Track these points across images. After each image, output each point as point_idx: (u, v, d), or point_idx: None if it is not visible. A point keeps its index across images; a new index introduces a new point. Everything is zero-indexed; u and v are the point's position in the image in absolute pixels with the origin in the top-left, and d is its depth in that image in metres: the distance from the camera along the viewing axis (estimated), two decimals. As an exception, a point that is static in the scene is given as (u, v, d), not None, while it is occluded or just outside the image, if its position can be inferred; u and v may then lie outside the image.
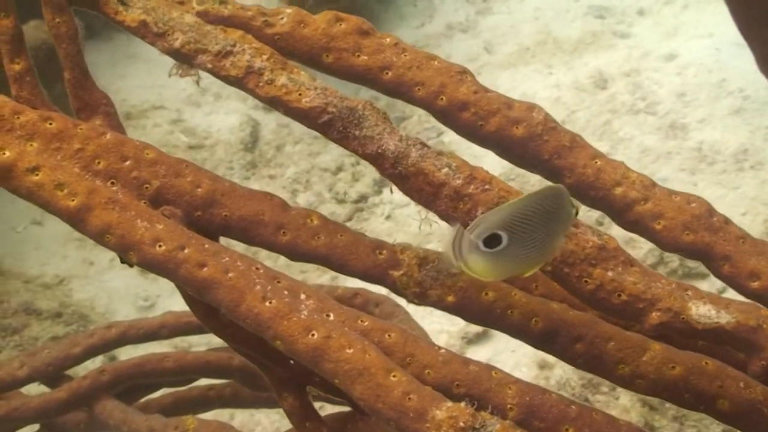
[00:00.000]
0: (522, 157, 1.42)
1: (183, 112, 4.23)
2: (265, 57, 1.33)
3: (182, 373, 2.16)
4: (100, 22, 4.31)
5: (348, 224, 3.70)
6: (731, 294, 1.40)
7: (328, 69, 1.43)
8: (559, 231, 1.23)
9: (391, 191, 1.39)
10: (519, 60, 4.08)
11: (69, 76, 1.38)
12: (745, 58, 2.20)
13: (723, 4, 4.03)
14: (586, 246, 1.26)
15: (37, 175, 1.29)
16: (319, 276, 3.54)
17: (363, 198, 3.79)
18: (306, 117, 1.31)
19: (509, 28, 4.26)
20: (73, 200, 1.28)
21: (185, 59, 1.34)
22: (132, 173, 1.33)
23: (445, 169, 1.27)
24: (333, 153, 3.92)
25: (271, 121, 4.15)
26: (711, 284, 2.54)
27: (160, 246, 1.27)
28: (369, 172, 3.82)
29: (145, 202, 1.33)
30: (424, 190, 1.27)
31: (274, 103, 1.32)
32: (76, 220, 1.29)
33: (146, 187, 1.34)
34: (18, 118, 1.32)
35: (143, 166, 1.34)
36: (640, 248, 3.13)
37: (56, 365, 2.21)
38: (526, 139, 1.39)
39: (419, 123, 3.93)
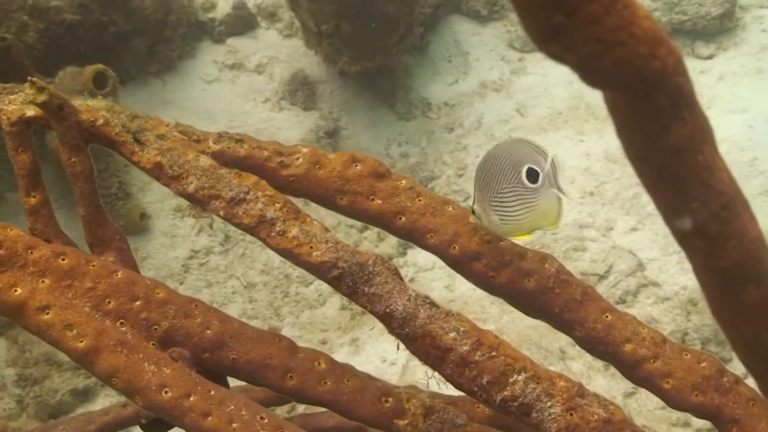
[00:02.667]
0: (533, 309, 1.41)
1: (214, 160, 4.25)
2: (278, 206, 1.33)
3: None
4: (136, 66, 4.37)
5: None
6: None
7: (343, 211, 1.43)
8: None
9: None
10: (550, 124, 4.06)
11: (84, 213, 1.39)
12: (779, 137, 2.17)
13: (758, 78, 4.00)
14: (591, 419, 1.25)
15: (47, 314, 1.30)
16: (340, 336, 3.55)
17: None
18: (316, 270, 1.31)
19: (543, 91, 4.23)
20: (81, 342, 1.29)
21: (199, 203, 1.35)
22: (142, 314, 1.34)
23: (453, 334, 1.26)
24: (360, 210, 3.93)
25: (300, 175, 4.16)
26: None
27: (166, 392, 1.28)
28: (395, 233, 3.81)
29: (153, 344, 1.33)
30: (431, 353, 1.27)
31: (285, 254, 1.32)
32: (84, 362, 1.30)
33: (155, 329, 1.34)
34: (31, 253, 1.33)
35: (153, 307, 1.35)
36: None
37: (70, 442, 2.23)
38: (538, 291, 1.39)
39: (447, 184, 3.93)
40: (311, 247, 1.31)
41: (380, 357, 3.34)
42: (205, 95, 4.41)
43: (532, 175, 1.30)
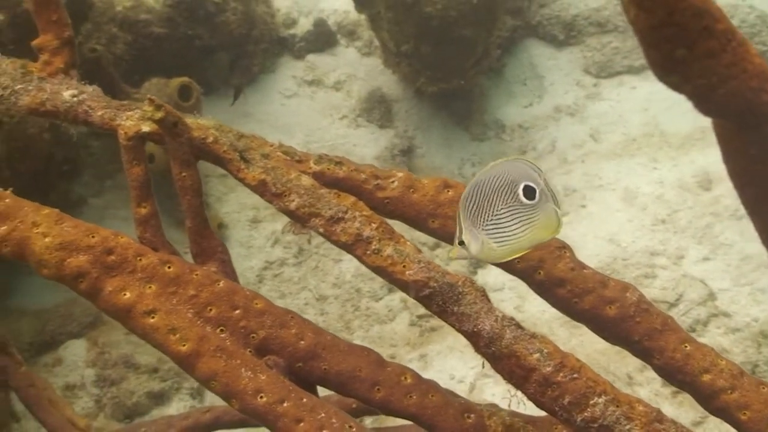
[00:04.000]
0: (614, 336, 1.46)
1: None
2: (374, 226, 1.40)
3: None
4: (218, 79, 4.49)
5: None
6: None
7: (434, 233, 1.49)
8: None
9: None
10: (624, 151, 4.08)
11: (190, 224, 1.47)
12: None
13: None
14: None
15: (153, 318, 1.38)
16: (408, 352, 3.61)
17: (458, 278, 3.83)
18: (408, 288, 1.37)
19: (617, 117, 4.25)
20: (184, 345, 1.37)
21: (299, 220, 1.42)
22: (240, 322, 1.41)
23: (537, 355, 1.31)
24: (433, 228, 3.99)
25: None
26: None
27: (261, 397, 1.35)
28: (466, 252, 3.86)
29: (250, 351, 1.41)
30: (515, 372, 1.32)
31: (379, 272, 1.39)
32: (186, 364, 1.38)
33: (253, 337, 1.42)
34: (140, 260, 1.42)
35: (251, 316, 1.42)
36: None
37: (151, 443, 2.31)
38: (619, 319, 1.44)
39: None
40: (404, 267, 1.38)
41: (448, 374, 3.38)
42: (284, 109, 4.51)
43: (528, 192, 1.31)
